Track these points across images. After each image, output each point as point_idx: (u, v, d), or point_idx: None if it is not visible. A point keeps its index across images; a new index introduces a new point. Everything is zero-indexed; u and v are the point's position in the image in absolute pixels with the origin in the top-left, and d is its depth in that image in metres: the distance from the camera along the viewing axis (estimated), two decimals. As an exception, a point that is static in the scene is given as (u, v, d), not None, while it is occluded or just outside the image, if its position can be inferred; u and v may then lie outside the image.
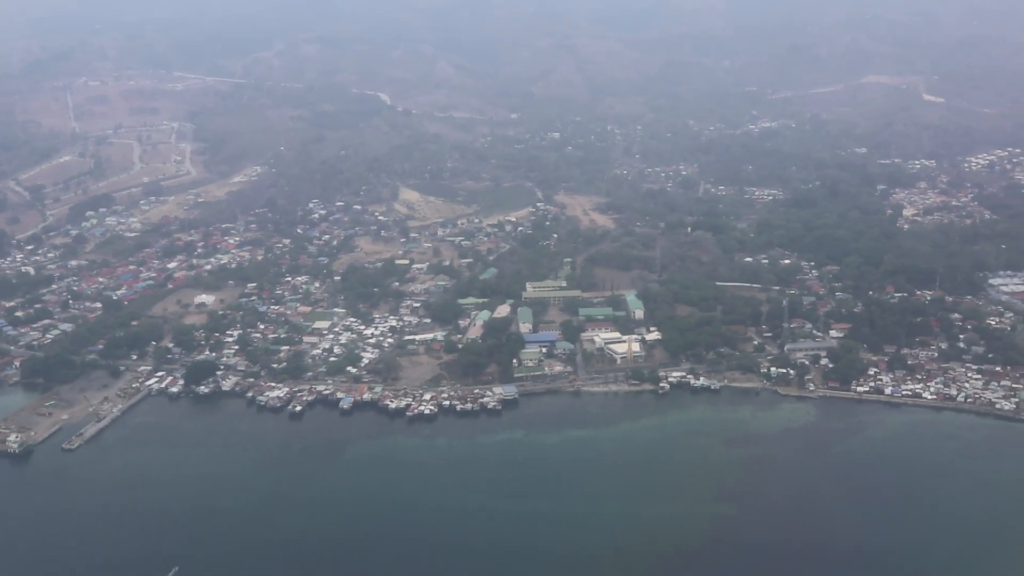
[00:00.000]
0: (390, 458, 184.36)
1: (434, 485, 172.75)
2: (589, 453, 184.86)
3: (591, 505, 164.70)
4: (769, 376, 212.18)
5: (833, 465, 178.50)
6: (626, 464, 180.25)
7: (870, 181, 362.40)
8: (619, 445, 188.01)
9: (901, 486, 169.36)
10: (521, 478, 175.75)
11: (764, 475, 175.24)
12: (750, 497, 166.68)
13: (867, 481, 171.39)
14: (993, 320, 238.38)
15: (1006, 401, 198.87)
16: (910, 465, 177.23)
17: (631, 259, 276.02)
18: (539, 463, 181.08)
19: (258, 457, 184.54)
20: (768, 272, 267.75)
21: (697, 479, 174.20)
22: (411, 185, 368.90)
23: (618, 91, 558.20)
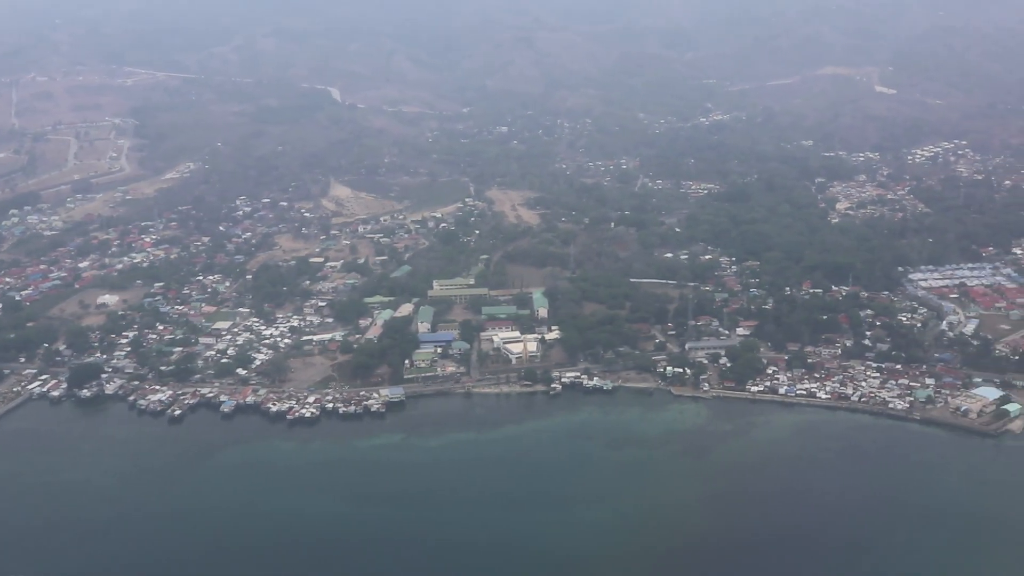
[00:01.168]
0: (259, 464, 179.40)
1: (296, 491, 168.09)
2: (465, 457, 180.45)
3: (451, 512, 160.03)
4: (664, 376, 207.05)
5: (710, 468, 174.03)
6: (500, 469, 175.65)
7: (809, 174, 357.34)
8: (498, 449, 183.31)
9: (772, 489, 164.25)
10: (388, 483, 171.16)
11: (638, 479, 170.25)
12: (621, 502, 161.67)
13: (738, 485, 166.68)
14: (905, 316, 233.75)
15: (900, 400, 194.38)
16: (788, 467, 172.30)
17: (547, 256, 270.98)
18: (411, 467, 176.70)
19: (127, 464, 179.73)
20: (685, 268, 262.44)
21: (570, 484, 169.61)
22: (345, 181, 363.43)
23: (573, 84, 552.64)
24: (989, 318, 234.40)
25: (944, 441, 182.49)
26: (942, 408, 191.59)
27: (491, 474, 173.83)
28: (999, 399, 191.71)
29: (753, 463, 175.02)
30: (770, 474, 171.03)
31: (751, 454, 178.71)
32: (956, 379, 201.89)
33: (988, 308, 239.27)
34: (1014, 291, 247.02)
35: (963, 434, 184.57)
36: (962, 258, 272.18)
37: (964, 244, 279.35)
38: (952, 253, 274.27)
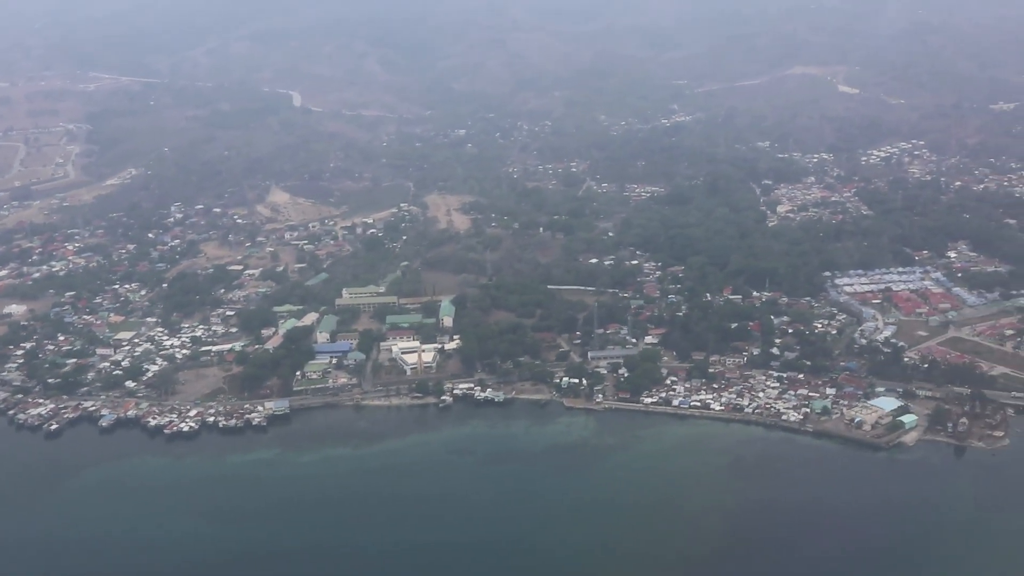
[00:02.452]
0: (124, 483, 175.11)
1: (158, 512, 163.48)
2: (336, 473, 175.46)
3: (300, 535, 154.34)
4: (560, 387, 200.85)
5: (582, 484, 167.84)
6: (365, 488, 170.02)
7: (757, 176, 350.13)
8: (372, 464, 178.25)
9: (642, 504, 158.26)
10: (254, 501, 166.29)
11: (507, 497, 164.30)
12: (481, 523, 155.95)
13: (607, 501, 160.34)
14: (821, 323, 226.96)
15: (795, 412, 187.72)
16: (664, 483, 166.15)
17: (466, 262, 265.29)
18: (279, 484, 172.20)
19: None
20: (606, 274, 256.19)
21: (434, 503, 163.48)
22: (287, 186, 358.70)
23: (542, 86, 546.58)
24: (908, 324, 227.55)
25: (831, 455, 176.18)
26: (837, 420, 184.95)
27: (357, 492, 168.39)
28: (896, 410, 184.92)
29: (628, 479, 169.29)
30: (643, 490, 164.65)
31: (629, 470, 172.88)
32: (858, 389, 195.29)
33: (909, 314, 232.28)
34: (939, 296, 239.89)
35: (853, 447, 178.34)
36: (894, 262, 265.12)
37: (897, 248, 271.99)
38: (884, 257, 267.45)
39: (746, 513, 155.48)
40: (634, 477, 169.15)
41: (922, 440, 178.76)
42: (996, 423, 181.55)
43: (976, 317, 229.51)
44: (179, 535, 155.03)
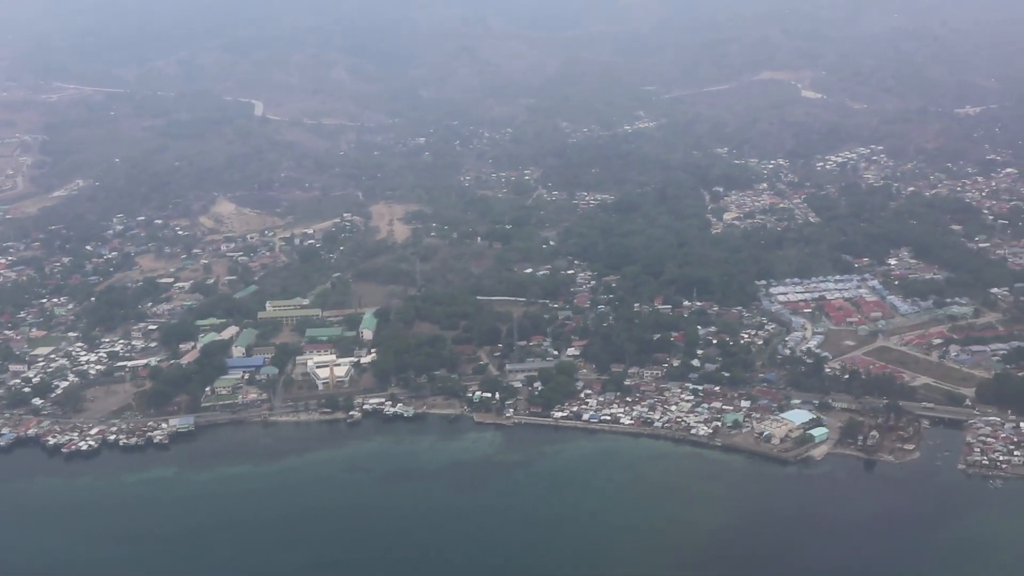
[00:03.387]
0: (13, 503, 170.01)
1: (42, 534, 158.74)
2: (231, 492, 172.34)
3: (187, 558, 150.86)
4: (472, 402, 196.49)
5: (473, 504, 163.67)
6: (258, 507, 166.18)
7: (709, 183, 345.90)
8: (269, 483, 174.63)
9: (528, 523, 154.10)
10: (143, 522, 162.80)
11: (397, 516, 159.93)
12: (369, 543, 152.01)
13: (493, 522, 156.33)
14: (748, 333, 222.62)
15: (705, 426, 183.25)
16: (557, 501, 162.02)
17: (398, 273, 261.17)
18: (173, 504, 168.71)
19: None
20: (537, 285, 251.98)
21: (324, 523, 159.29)
22: (235, 197, 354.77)
23: (511, 93, 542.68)
24: (837, 334, 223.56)
25: (735, 470, 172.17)
26: (747, 434, 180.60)
27: (249, 511, 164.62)
28: (807, 423, 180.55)
29: (523, 497, 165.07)
30: (535, 509, 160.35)
31: (527, 488, 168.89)
32: (772, 402, 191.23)
33: (839, 323, 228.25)
34: (871, 305, 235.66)
35: (759, 462, 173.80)
36: (833, 270, 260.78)
37: (837, 255, 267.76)
38: (823, 265, 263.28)
39: (634, 533, 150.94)
40: (529, 495, 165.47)
41: (831, 454, 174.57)
42: (909, 436, 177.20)
43: (906, 326, 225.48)
44: (60, 558, 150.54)
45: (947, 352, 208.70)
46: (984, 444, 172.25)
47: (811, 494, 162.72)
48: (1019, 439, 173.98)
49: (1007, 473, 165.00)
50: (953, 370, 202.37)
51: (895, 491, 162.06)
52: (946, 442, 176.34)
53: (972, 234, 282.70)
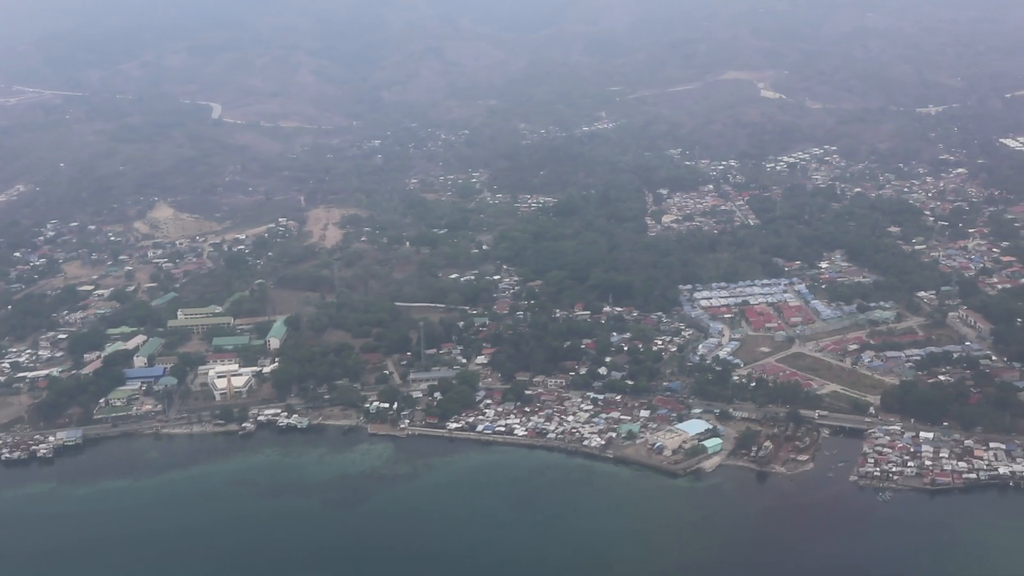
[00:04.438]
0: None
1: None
2: (110, 508, 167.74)
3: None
4: (368, 412, 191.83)
5: (346, 520, 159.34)
6: (132, 523, 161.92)
7: (654, 185, 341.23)
8: (145, 499, 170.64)
9: (389, 543, 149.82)
10: (9, 542, 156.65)
11: (267, 534, 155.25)
12: (223, 563, 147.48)
13: (358, 539, 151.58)
14: (662, 340, 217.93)
15: (599, 437, 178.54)
16: (432, 521, 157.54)
17: (318, 279, 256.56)
18: (45, 521, 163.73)
19: None
20: (457, 291, 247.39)
21: (195, 540, 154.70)
22: (176, 201, 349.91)
23: (472, 94, 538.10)
24: (754, 340, 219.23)
25: (623, 483, 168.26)
26: (640, 445, 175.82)
27: (122, 528, 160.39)
28: (702, 433, 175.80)
29: (398, 514, 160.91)
30: (409, 527, 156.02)
31: (405, 503, 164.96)
32: (672, 411, 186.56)
33: (758, 329, 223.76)
34: (793, 310, 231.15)
35: (649, 474, 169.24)
36: (763, 274, 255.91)
37: (767, 259, 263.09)
38: (754, 268, 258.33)
39: (504, 550, 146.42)
40: (405, 512, 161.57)
41: (723, 465, 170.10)
42: (805, 446, 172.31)
43: (825, 331, 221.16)
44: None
45: (860, 358, 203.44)
46: (879, 455, 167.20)
47: (691, 508, 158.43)
48: (915, 449, 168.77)
49: (898, 484, 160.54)
50: (864, 377, 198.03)
51: (780, 504, 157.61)
52: (843, 452, 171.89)
53: (910, 236, 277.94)
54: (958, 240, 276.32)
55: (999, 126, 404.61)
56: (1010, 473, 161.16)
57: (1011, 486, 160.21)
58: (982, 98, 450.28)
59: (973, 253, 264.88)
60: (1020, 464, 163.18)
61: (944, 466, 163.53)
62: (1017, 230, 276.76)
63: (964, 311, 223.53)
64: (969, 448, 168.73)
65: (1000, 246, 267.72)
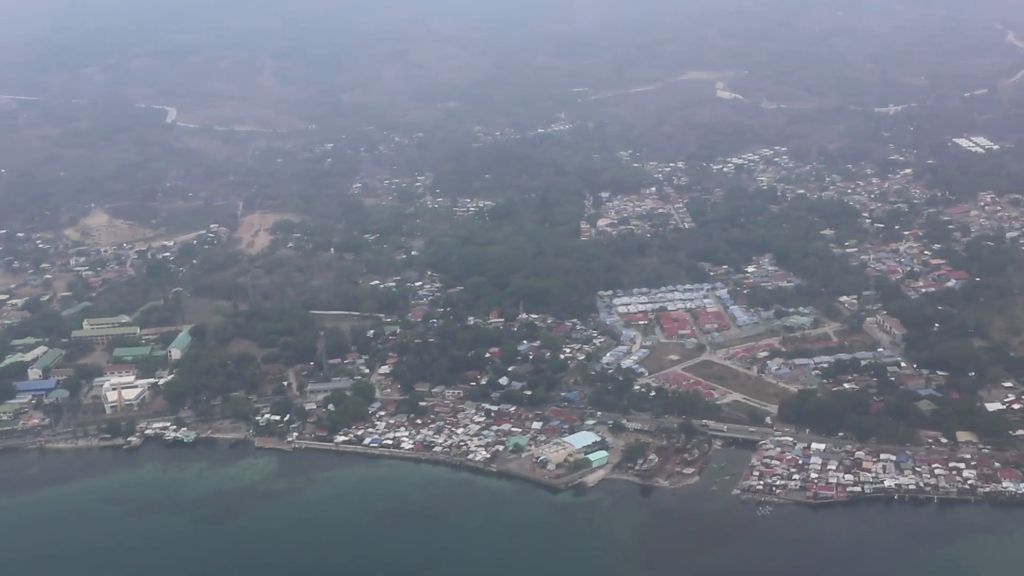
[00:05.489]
0: None
1: None
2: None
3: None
4: (258, 425, 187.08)
5: (213, 538, 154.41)
6: None
7: (597, 188, 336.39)
8: (12, 518, 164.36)
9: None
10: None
11: (129, 554, 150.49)
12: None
13: (221, 557, 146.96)
14: (571, 348, 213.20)
15: (485, 450, 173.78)
16: (299, 539, 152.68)
17: (234, 287, 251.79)
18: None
19: None
20: (372, 298, 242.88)
21: (49, 562, 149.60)
22: (113, 207, 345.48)
23: (434, 96, 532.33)
24: (665, 347, 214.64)
25: (502, 498, 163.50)
26: (526, 458, 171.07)
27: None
28: (589, 446, 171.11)
29: (265, 531, 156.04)
30: (275, 545, 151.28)
31: (276, 520, 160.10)
32: (564, 423, 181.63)
33: (671, 336, 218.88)
34: (710, 316, 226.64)
35: (531, 489, 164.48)
36: (688, 278, 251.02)
37: (692, 263, 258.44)
38: (678, 273, 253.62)
39: (365, 570, 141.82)
40: (273, 530, 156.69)
41: (607, 479, 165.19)
42: (693, 459, 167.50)
43: (738, 338, 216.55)
44: None
45: (766, 366, 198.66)
46: (765, 467, 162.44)
47: (565, 524, 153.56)
48: (804, 461, 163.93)
49: (780, 499, 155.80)
50: (769, 385, 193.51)
51: (655, 520, 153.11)
52: (734, 465, 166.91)
53: (844, 239, 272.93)
54: (891, 243, 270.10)
55: (954, 126, 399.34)
56: (896, 486, 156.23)
57: (896, 499, 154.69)
58: (941, 97, 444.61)
59: (904, 256, 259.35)
60: (908, 476, 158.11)
61: (830, 479, 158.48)
62: (951, 232, 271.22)
63: (882, 316, 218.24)
64: (859, 460, 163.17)
65: (932, 248, 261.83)
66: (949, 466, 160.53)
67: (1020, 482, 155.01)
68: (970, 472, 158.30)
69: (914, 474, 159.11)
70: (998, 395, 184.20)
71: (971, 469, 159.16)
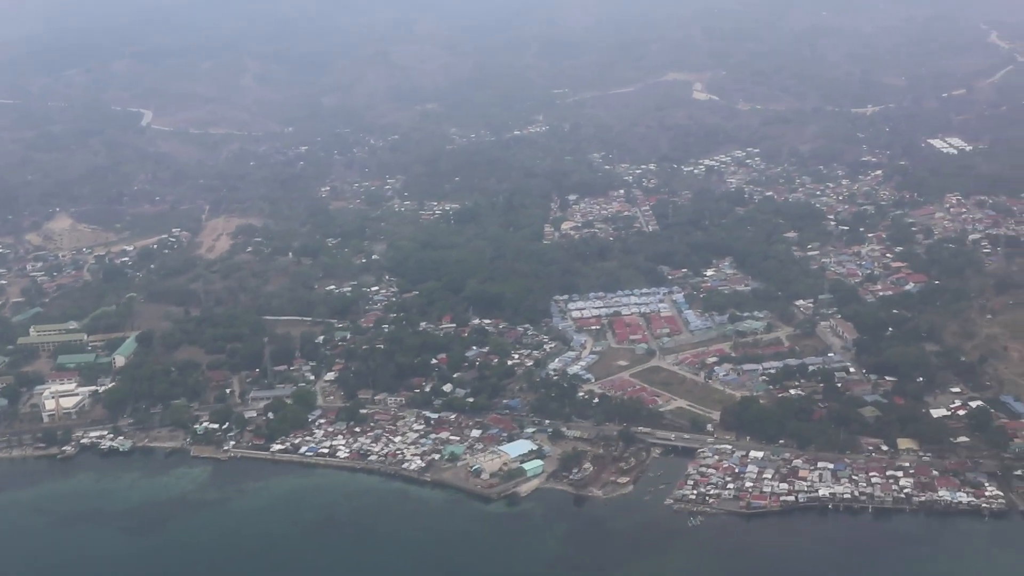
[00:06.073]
0: None
1: None
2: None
3: None
4: (196, 434, 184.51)
5: (143, 549, 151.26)
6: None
7: (564, 190, 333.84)
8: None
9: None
10: None
11: (49, 567, 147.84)
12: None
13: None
14: (519, 354, 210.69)
15: (419, 459, 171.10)
16: (217, 554, 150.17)
17: (186, 293, 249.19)
18: None
19: None
20: (333, 302, 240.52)
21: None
22: (79, 212, 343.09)
23: (413, 99, 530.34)
24: (616, 352, 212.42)
25: (434, 509, 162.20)
26: (461, 468, 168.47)
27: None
28: (525, 455, 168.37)
29: (190, 543, 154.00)
30: (188, 557, 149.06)
31: (203, 531, 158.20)
32: (504, 430, 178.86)
33: (622, 341, 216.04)
34: (664, 320, 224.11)
35: (464, 499, 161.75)
36: (647, 282, 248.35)
37: (652, 266, 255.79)
38: (637, 277, 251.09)
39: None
40: (198, 541, 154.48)
41: (541, 489, 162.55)
42: (629, 467, 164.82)
43: (690, 343, 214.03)
44: None
45: (714, 372, 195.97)
46: (701, 476, 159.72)
47: (493, 536, 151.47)
48: (740, 470, 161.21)
49: (712, 508, 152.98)
50: (715, 391, 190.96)
51: (583, 531, 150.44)
52: (670, 473, 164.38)
53: (807, 241, 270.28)
54: (855, 245, 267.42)
55: (930, 126, 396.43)
56: (830, 495, 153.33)
57: (830, 508, 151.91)
58: (918, 98, 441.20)
59: (866, 259, 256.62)
60: (843, 485, 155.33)
61: (764, 488, 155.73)
62: (914, 234, 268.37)
63: (835, 321, 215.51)
64: (796, 468, 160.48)
65: (894, 251, 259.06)
66: (886, 474, 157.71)
67: (957, 491, 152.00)
68: (907, 481, 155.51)
69: (850, 483, 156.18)
70: (945, 401, 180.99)
71: (908, 477, 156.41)
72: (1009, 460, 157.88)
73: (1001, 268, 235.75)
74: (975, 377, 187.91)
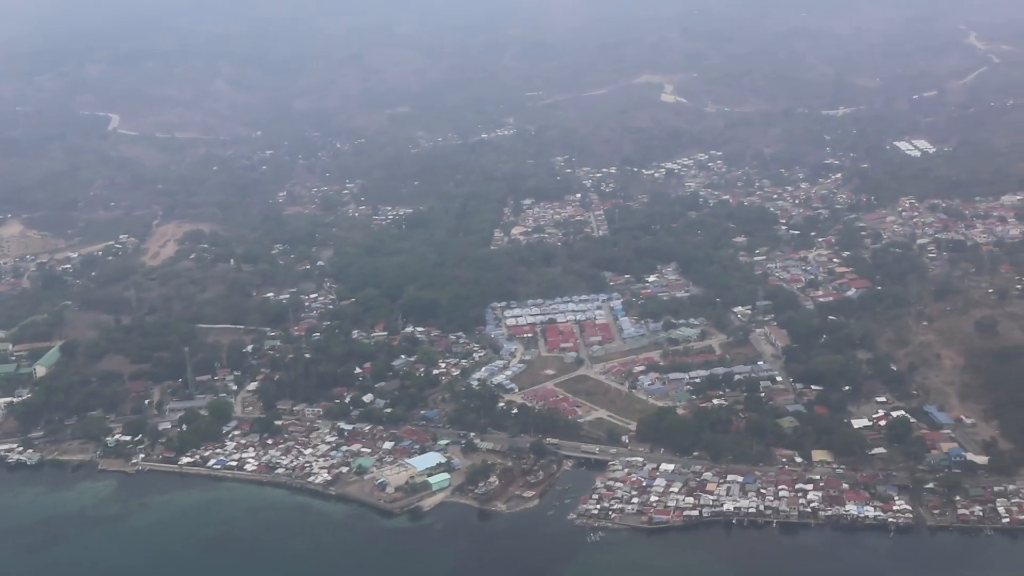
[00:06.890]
0: None
1: None
2: None
3: None
4: (106, 446, 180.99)
5: (27, 570, 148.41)
6: None
7: (520, 194, 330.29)
8: None
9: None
10: None
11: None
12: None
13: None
14: (446, 363, 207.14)
15: (326, 472, 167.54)
16: (107, 569, 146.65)
17: (122, 302, 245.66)
18: None
19: None
20: (268, 310, 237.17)
21: None
22: (32, 217, 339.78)
23: (384, 102, 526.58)
24: (544, 361, 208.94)
25: (334, 524, 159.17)
26: (368, 481, 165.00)
27: None
28: (433, 468, 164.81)
29: (82, 560, 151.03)
30: (81, 573, 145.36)
31: (96, 548, 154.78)
32: (416, 443, 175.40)
33: (552, 349, 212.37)
34: (597, 328, 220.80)
35: (367, 513, 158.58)
36: (588, 288, 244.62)
37: (594, 272, 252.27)
38: (578, 283, 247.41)
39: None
40: (90, 558, 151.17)
41: (445, 503, 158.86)
42: (537, 481, 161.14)
43: (620, 351, 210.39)
44: None
45: (639, 381, 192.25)
46: (607, 490, 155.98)
47: (388, 552, 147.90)
48: (648, 483, 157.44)
49: (615, 523, 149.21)
50: (638, 401, 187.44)
51: (481, 548, 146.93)
52: (579, 487, 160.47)
53: (756, 246, 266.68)
54: (803, 250, 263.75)
55: (897, 128, 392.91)
56: (735, 509, 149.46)
57: (734, 523, 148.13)
58: (889, 99, 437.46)
59: (813, 264, 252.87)
60: (750, 499, 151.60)
61: (669, 502, 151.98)
62: (863, 239, 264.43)
63: (770, 328, 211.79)
64: (704, 482, 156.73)
65: (841, 256, 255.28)
66: (795, 488, 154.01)
67: (865, 504, 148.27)
68: (815, 494, 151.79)
69: (757, 496, 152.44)
70: (868, 410, 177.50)
71: (818, 491, 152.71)
72: (922, 473, 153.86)
73: (943, 273, 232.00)
74: (903, 386, 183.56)
